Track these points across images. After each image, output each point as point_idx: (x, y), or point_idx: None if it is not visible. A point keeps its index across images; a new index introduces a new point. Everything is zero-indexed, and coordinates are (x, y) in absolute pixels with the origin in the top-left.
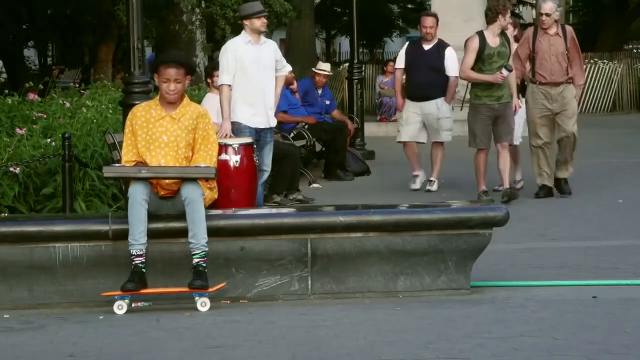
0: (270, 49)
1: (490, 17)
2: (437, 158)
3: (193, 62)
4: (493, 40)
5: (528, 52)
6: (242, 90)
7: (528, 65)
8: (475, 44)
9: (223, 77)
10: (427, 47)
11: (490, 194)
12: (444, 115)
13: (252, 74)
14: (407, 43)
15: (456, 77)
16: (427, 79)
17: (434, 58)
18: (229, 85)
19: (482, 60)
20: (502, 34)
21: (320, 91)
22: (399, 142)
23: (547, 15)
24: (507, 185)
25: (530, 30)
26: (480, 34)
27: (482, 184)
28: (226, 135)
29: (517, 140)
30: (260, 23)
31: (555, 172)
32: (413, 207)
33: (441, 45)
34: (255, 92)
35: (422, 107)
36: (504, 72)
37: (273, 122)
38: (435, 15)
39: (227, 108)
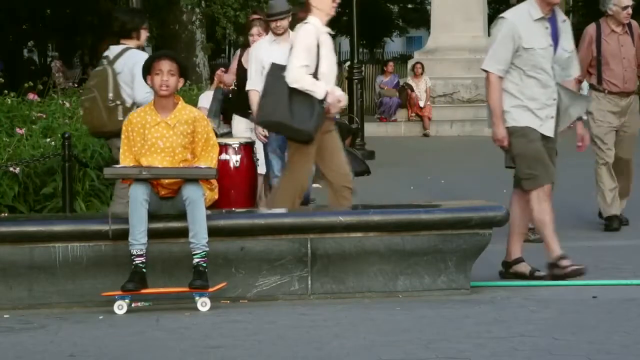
0: None
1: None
2: None
3: (185, 62)
4: None
5: (592, 56)
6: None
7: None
8: None
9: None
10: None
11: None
12: None
13: None
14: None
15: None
16: None
17: None
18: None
19: None
20: None
21: None
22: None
23: (632, 7)
24: None
25: (591, 28)
26: None
27: None
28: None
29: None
30: (273, 26)
31: None
32: (413, 207)
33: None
34: None
35: None
36: None
37: None
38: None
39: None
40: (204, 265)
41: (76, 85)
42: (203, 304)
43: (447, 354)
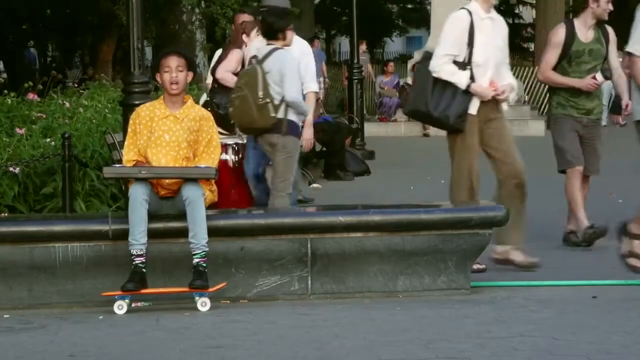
0: (292, 51)
1: (580, 1)
2: None
3: (192, 56)
4: (585, 34)
5: None
6: None
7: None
8: (560, 36)
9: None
10: None
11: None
12: None
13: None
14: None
15: None
16: None
17: None
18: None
19: (567, 58)
20: (600, 26)
21: None
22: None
23: None
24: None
25: None
26: (569, 23)
27: (583, 217)
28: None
29: None
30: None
31: None
32: (413, 207)
33: None
34: None
35: None
36: (598, 77)
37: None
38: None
39: None
40: (204, 265)
41: (76, 86)
42: (203, 304)
43: (447, 354)
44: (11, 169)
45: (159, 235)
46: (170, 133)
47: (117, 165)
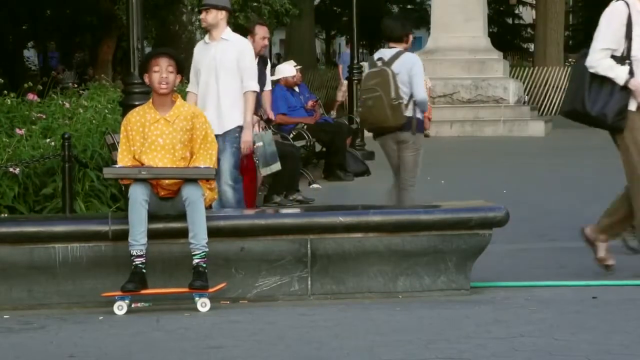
0: (231, 48)
1: None
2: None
3: (182, 58)
4: None
5: None
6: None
7: None
8: None
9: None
10: None
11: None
12: None
13: (202, 74)
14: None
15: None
16: None
17: None
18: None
19: None
20: None
21: (297, 89)
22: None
23: None
24: None
25: None
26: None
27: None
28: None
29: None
30: (202, 16)
31: None
32: (413, 207)
33: None
34: (202, 94)
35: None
36: None
37: (228, 126)
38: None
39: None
40: (204, 265)
41: (76, 86)
42: (203, 304)
43: (447, 354)
44: (11, 169)
45: (159, 235)
46: (163, 137)
47: (117, 166)
